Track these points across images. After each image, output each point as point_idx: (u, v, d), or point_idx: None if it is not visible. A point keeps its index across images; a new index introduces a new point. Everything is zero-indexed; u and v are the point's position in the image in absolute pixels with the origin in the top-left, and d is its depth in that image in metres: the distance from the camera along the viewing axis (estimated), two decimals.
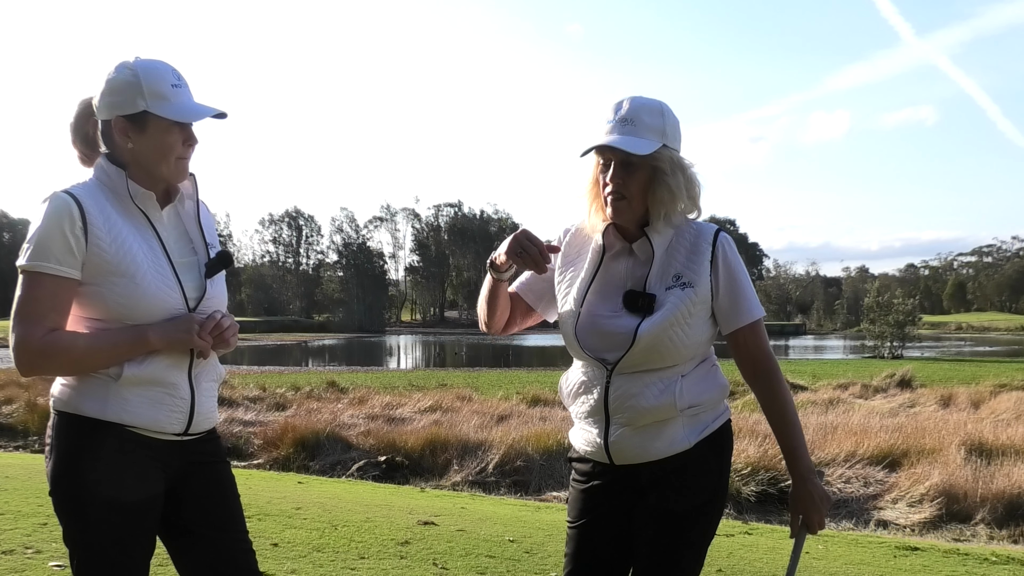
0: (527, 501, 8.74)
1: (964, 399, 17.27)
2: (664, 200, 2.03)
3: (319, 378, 22.45)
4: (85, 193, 1.93)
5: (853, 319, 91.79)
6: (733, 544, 5.60)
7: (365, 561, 4.43)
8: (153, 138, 1.96)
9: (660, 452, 2.04)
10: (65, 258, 1.87)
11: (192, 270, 2.06)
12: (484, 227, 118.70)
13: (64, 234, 1.86)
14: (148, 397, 1.96)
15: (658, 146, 2.01)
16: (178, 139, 1.99)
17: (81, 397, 1.94)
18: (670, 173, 2.02)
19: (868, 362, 36.05)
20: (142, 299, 1.93)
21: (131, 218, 1.98)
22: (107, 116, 1.98)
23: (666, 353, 2.01)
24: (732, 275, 2.06)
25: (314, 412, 14.21)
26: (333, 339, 74.13)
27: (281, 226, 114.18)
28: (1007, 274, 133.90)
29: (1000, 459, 9.35)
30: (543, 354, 49.88)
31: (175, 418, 2.00)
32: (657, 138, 2.01)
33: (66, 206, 1.88)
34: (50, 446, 1.97)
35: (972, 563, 5.36)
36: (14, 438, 12.93)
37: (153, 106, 1.93)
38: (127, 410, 1.94)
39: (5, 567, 3.87)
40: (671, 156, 2.04)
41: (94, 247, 1.89)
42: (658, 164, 2.02)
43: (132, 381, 1.93)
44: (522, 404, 15.88)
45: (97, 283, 1.91)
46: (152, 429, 1.97)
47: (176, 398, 2.00)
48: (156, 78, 1.95)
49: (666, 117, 2.05)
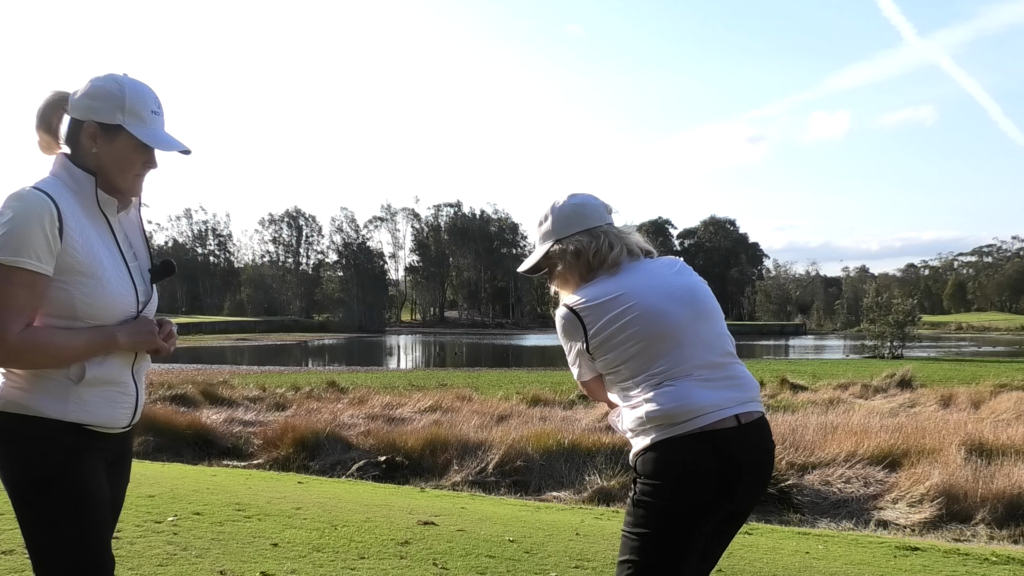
0: (527, 501, 8.74)
1: (964, 399, 17.28)
2: (560, 285, 2.46)
3: (319, 378, 22.46)
4: (56, 192, 1.98)
5: (853, 319, 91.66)
6: (733, 544, 5.58)
7: (365, 561, 4.43)
8: (119, 152, 2.05)
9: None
10: (43, 255, 1.92)
11: (139, 274, 2.15)
12: (484, 227, 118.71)
13: (44, 231, 1.91)
14: (104, 396, 2.05)
15: (547, 247, 2.44)
16: (140, 159, 2.08)
17: (39, 399, 1.98)
18: (560, 264, 2.42)
19: (868, 362, 36.06)
20: (107, 299, 2.02)
21: (94, 221, 2.06)
22: (81, 117, 2.04)
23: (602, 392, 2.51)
24: None
25: (314, 412, 14.22)
26: (333, 339, 74.16)
27: (281, 226, 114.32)
28: (1007, 274, 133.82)
29: (1000, 459, 9.35)
30: (543, 354, 49.87)
31: (126, 413, 2.12)
32: (548, 240, 2.45)
33: (45, 204, 1.93)
34: (5, 448, 1.99)
35: (972, 563, 5.36)
36: None
37: (129, 124, 2.03)
38: (87, 410, 2.02)
39: (5, 567, 3.87)
40: (563, 247, 2.41)
41: (67, 246, 1.95)
42: (554, 261, 2.45)
43: (92, 382, 2.01)
44: (522, 404, 15.89)
45: (65, 282, 1.96)
46: (107, 426, 2.07)
47: (126, 395, 2.11)
48: (139, 99, 2.04)
49: (554, 216, 2.45)
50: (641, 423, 2.27)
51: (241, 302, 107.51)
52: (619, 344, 2.27)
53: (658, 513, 2.22)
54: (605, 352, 2.30)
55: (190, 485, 6.72)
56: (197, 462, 11.01)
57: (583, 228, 2.41)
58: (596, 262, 2.38)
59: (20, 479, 1.99)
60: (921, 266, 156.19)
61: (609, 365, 2.33)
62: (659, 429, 2.23)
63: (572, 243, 2.39)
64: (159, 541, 4.52)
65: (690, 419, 2.21)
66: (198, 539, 4.65)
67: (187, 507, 5.54)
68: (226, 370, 29.14)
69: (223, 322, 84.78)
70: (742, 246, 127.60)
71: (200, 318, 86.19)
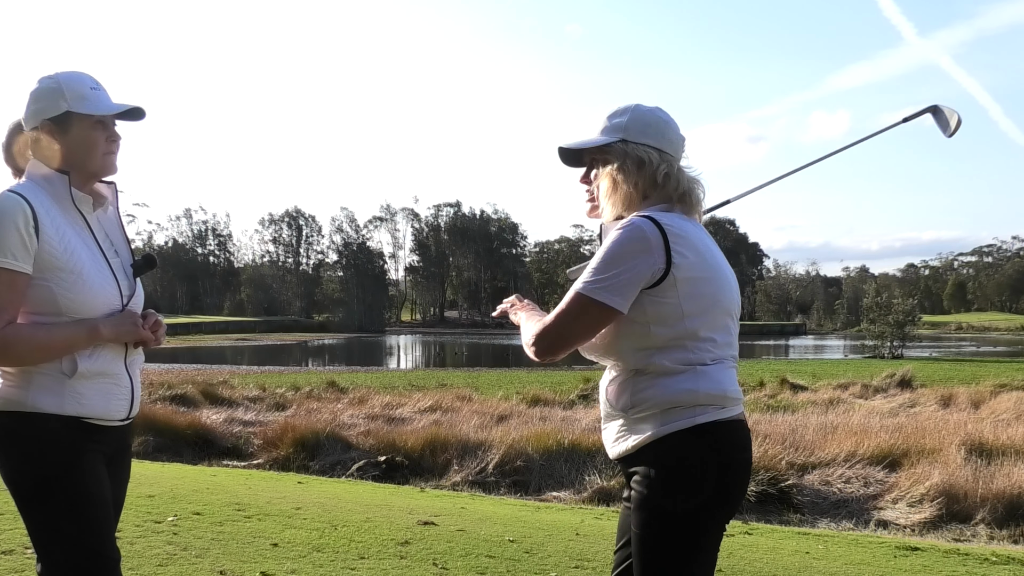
0: (527, 501, 8.73)
1: (964, 399, 17.27)
2: (607, 190, 2.06)
3: (319, 378, 22.46)
4: (29, 193, 2.04)
5: (853, 319, 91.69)
6: (733, 544, 5.59)
7: (365, 561, 4.43)
8: (77, 136, 2.12)
9: (610, 448, 2.08)
10: (20, 253, 1.98)
11: (120, 269, 2.21)
12: (484, 227, 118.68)
13: (19, 231, 1.98)
14: (98, 389, 2.10)
15: (611, 140, 2.06)
16: (101, 135, 2.14)
17: (35, 395, 2.02)
18: (617, 162, 2.04)
19: (868, 362, 36.06)
20: (88, 293, 2.07)
21: (70, 219, 2.11)
22: (35, 124, 2.11)
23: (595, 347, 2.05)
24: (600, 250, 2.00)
25: (314, 412, 14.21)
26: (333, 339, 74.16)
27: (281, 226, 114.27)
28: (1007, 274, 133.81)
29: (1000, 459, 9.34)
30: None
31: (121, 405, 2.16)
32: (615, 135, 2.07)
33: (18, 204, 2.00)
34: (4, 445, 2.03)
35: (972, 563, 5.36)
36: None
37: (74, 105, 2.09)
38: (82, 403, 2.06)
39: (5, 567, 3.87)
40: (626, 149, 2.05)
41: (44, 244, 2.01)
42: (609, 157, 2.06)
43: (85, 375, 2.06)
44: (522, 404, 15.89)
45: (45, 279, 2.02)
46: (104, 418, 2.11)
47: (121, 387, 2.16)
48: (76, 83, 2.12)
49: (633, 114, 2.08)
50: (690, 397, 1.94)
51: (241, 302, 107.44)
52: (695, 295, 1.95)
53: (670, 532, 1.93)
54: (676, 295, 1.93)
55: (190, 485, 6.72)
56: (197, 462, 11.01)
57: (657, 145, 2.06)
58: (662, 183, 2.03)
59: (21, 478, 2.02)
60: (921, 266, 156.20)
61: (666, 315, 1.94)
62: (709, 410, 1.95)
63: (640, 150, 2.04)
64: (159, 541, 4.53)
65: (736, 404, 2.02)
66: (198, 539, 4.65)
67: (187, 507, 5.54)
68: (226, 370, 29.13)
69: (223, 322, 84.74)
70: (742, 246, 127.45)
71: (200, 318, 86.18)
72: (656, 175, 2.04)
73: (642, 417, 1.98)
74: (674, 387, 1.96)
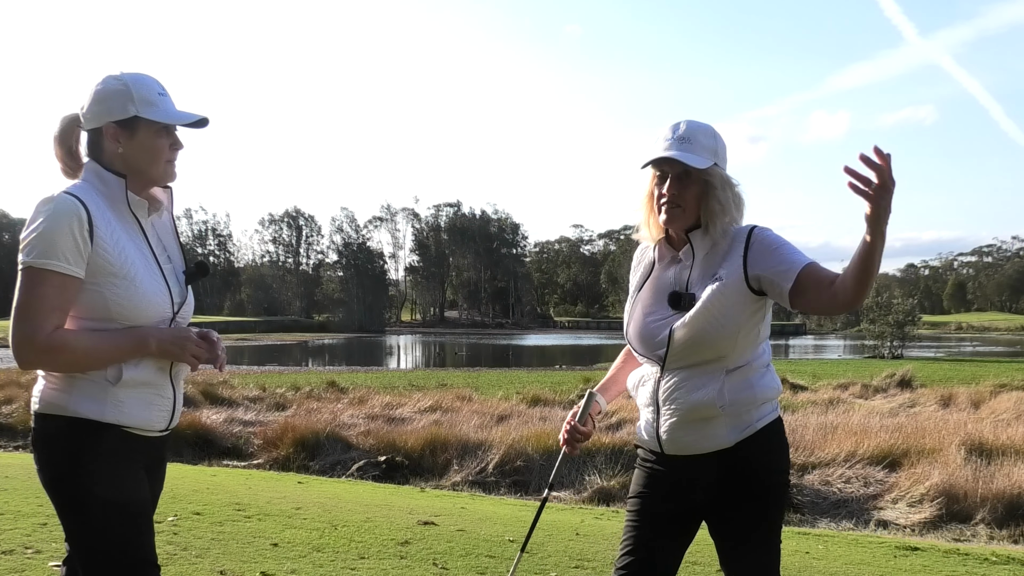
0: (527, 501, 8.73)
1: (964, 399, 17.26)
2: (715, 212, 2.21)
3: (319, 378, 22.44)
4: (86, 196, 2.00)
5: (853, 319, 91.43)
6: None
7: (365, 561, 4.43)
8: (143, 142, 2.07)
9: (703, 447, 2.22)
10: (72, 257, 1.93)
11: (173, 276, 2.16)
12: (484, 227, 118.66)
13: (72, 234, 1.93)
14: (140, 398, 2.05)
15: (711, 163, 2.21)
16: (165, 143, 2.10)
17: (77, 400, 1.99)
18: (720, 188, 2.21)
19: (868, 362, 36.03)
20: (140, 301, 2.02)
21: (125, 223, 2.07)
22: (96, 124, 2.06)
23: (706, 346, 2.17)
24: (769, 247, 2.17)
25: (314, 412, 14.20)
26: (333, 339, 74.14)
27: (281, 226, 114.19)
28: (1007, 274, 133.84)
29: (1000, 459, 9.34)
30: (543, 354, 49.90)
31: (162, 416, 2.12)
32: (710, 157, 2.22)
33: (74, 207, 1.95)
34: (46, 450, 2.00)
35: (972, 563, 5.36)
36: (14, 438, 12.92)
37: (143, 111, 2.04)
38: (123, 411, 2.02)
39: (5, 567, 3.87)
40: (721, 174, 2.23)
41: (98, 248, 1.96)
42: (710, 179, 2.21)
43: (129, 384, 2.02)
44: (522, 404, 15.87)
45: (97, 284, 1.98)
46: (143, 428, 2.07)
47: (163, 398, 2.11)
48: (144, 87, 2.06)
49: (718, 139, 2.26)
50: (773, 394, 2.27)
51: (241, 302, 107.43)
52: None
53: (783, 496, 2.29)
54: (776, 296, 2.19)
55: (190, 485, 6.72)
56: (197, 462, 11.01)
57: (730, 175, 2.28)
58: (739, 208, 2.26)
59: (60, 484, 1.99)
60: (921, 266, 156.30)
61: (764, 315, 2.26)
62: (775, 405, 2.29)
63: (730, 178, 2.26)
64: (159, 541, 4.50)
65: None
66: (198, 539, 4.65)
67: (187, 507, 5.54)
68: (226, 370, 29.02)
69: (223, 322, 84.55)
70: None
71: (200, 318, 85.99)
72: (738, 200, 2.25)
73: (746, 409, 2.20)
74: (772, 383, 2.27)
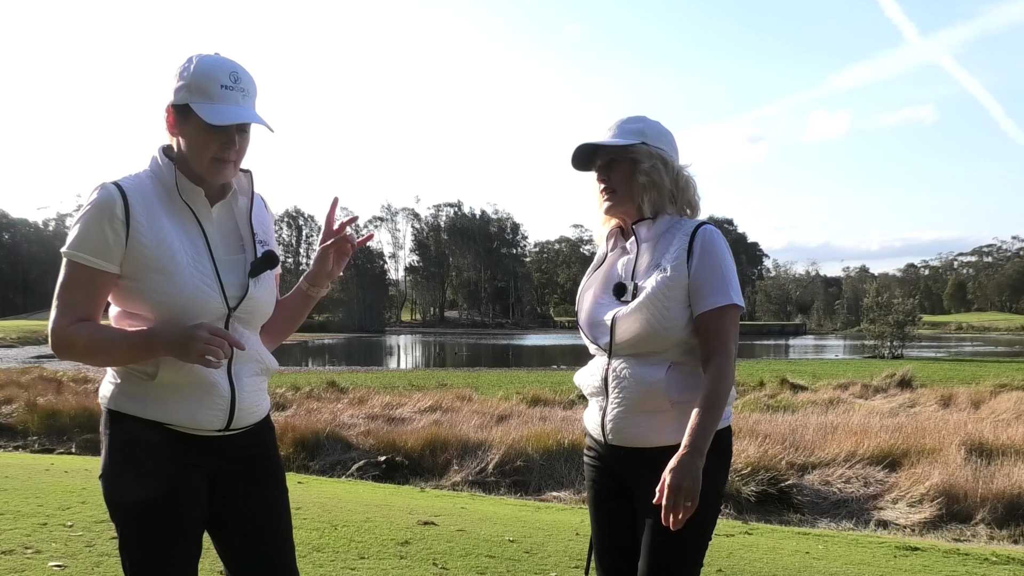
0: (527, 501, 8.73)
1: (964, 399, 17.27)
2: (643, 186, 2.21)
3: (319, 378, 22.44)
4: (133, 185, 1.92)
5: (853, 319, 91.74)
6: (733, 544, 5.59)
7: (365, 561, 4.43)
8: (192, 133, 1.92)
9: (649, 440, 2.16)
10: (99, 251, 1.87)
11: (237, 268, 2.02)
12: (484, 227, 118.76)
13: (102, 228, 1.86)
14: (185, 396, 1.94)
15: (637, 142, 2.21)
16: (214, 140, 1.91)
17: (123, 395, 1.96)
18: (645, 162, 2.21)
19: (868, 362, 36.03)
20: (178, 296, 1.90)
21: (176, 213, 1.96)
22: (168, 103, 1.95)
23: (648, 337, 2.14)
24: (708, 261, 2.14)
25: (314, 412, 14.19)
26: (333, 339, 74.11)
27: (281, 226, 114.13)
28: (1007, 274, 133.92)
29: (1000, 459, 9.35)
30: (543, 354, 49.89)
31: (215, 415, 1.97)
32: (635, 137, 2.22)
33: (111, 199, 1.87)
34: (103, 443, 1.99)
35: (972, 563, 5.36)
36: (14, 438, 12.92)
37: (195, 101, 1.89)
38: (165, 409, 1.94)
39: (5, 567, 3.87)
40: (649, 150, 2.22)
41: (135, 242, 1.88)
42: (635, 156, 2.21)
43: (166, 382, 1.93)
44: (522, 404, 15.87)
45: (136, 278, 1.90)
46: (191, 427, 1.96)
47: (215, 396, 1.96)
48: (207, 75, 1.89)
49: (647, 123, 2.26)
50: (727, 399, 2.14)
51: None
52: None
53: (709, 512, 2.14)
54: None
55: None
56: None
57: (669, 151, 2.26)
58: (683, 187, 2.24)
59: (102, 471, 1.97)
60: (921, 266, 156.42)
61: None
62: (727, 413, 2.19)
63: (662, 152, 2.23)
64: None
65: None
66: None
67: None
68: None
69: None
70: (741, 246, 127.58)
71: None
72: (678, 178, 2.25)
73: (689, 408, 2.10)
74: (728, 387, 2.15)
